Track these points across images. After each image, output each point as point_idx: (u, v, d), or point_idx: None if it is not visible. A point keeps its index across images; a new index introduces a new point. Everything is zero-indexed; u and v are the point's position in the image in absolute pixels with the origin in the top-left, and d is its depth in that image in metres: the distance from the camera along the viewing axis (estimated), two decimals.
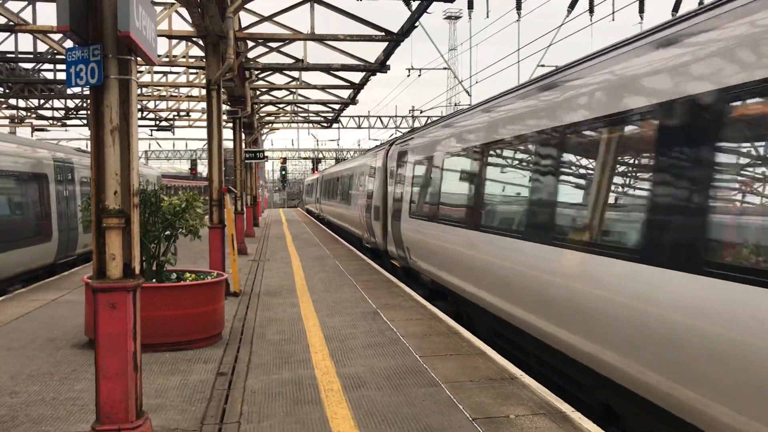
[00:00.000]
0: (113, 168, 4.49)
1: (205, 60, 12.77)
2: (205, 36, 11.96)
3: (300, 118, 33.74)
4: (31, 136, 32.44)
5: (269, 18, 14.18)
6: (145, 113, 30.41)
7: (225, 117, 20.04)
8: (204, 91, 20.40)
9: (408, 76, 36.68)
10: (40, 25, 14.60)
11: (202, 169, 65.00)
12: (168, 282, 8.15)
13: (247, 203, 26.37)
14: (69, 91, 24.47)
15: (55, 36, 15.68)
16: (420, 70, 36.67)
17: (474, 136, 10.21)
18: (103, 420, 4.51)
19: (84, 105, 28.53)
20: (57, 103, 29.14)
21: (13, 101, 27.72)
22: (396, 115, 46.23)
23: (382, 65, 15.99)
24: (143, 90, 25.12)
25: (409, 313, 9.88)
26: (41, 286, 12.86)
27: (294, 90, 24.68)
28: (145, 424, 4.69)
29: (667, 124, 5.18)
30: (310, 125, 38.23)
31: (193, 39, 15.39)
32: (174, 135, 38.87)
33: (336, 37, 14.23)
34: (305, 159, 79.17)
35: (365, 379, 6.51)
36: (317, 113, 30.96)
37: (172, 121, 33.92)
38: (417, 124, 43.73)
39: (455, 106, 52.83)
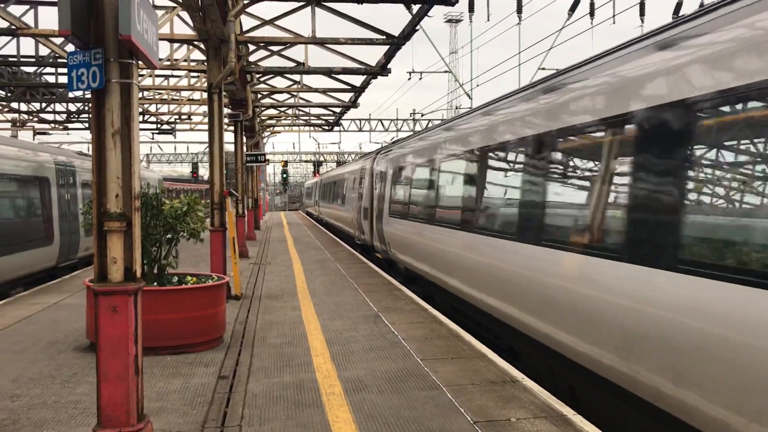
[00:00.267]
0: (115, 171, 4.49)
1: (206, 63, 12.80)
2: (207, 39, 11.99)
3: (301, 122, 33.78)
4: (33, 140, 32.50)
5: (270, 21, 14.20)
6: (146, 116, 30.45)
7: (226, 120, 20.07)
8: (205, 95, 20.49)
9: (409, 79, 36.75)
10: (41, 29, 14.65)
11: (204, 172, 65.17)
12: (169, 285, 8.16)
13: (249, 206, 26.39)
14: (70, 94, 24.52)
15: (57, 40, 15.70)
16: (421, 73, 36.74)
17: (435, 150, 12.51)
18: (105, 423, 4.51)
19: (85, 108, 28.58)
20: (59, 106, 29.19)
21: (15, 105, 27.78)
22: (397, 119, 46.29)
23: (383, 68, 16.01)
24: (144, 93, 25.16)
25: (410, 316, 9.88)
26: (43, 290, 12.87)
27: (295, 93, 24.73)
28: (147, 427, 4.69)
29: (604, 138, 6.07)
30: (312, 128, 38.29)
31: (195, 42, 15.43)
32: (175, 138, 38.87)
33: (337, 41, 14.25)
34: (306, 162, 79.26)
35: (366, 382, 6.51)
36: (318, 116, 31.00)
37: (173, 125, 33.97)
38: (418, 127, 43.79)
39: (456, 109, 52.86)
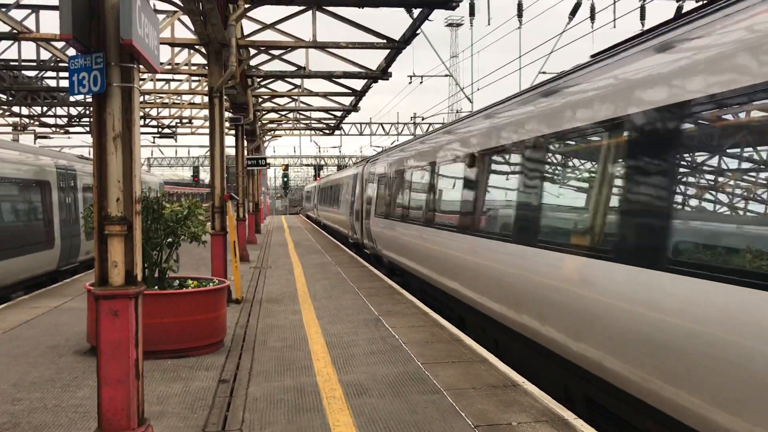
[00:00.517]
0: (116, 175, 4.50)
1: (207, 67, 12.81)
2: (208, 44, 12.01)
3: (302, 125, 33.81)
4: (34, 144, 32.53)
5: (271, 26, 14.22)
6: (147, 120, 30.48)
7: (227, 124, 20.10)
8: (206, 99, 20.49)
9: (410, 83, 36.77)
10: (43, 33, 14.66)
11: (205, 176, 65.16)
12: (170, 289, 8.15)
13: (249, 210, 26.40)
14: (72, 98, 24.55)
15: (58, 44, 15.75)
16: (422, 77, 36.77)
17: (407, 160, 15.03)
18: (105, 427, 4.51)
19: (86, 112, 28.61)
20: (60, 110, 29.24)
21: (16, 109, 27.81)
22: (398, 122, 46.26)
23: (383, 72, 16.03)
24: (145, 97, 25.18)
25: (410, 320, 9.87)
26: (44, 293, 12.87)
27: (296, 97, 24.74)
28: (147, 431, 4.69)
29: (555, 149, 7.04)
30: (312, 132, 38.31)
31: (196, 47, 15.45)
32: (176, 142, 38.84)
33: (338, 45, 14.27)
34: (307, 166, 79.27)
35: (367, 386, 6.50)
36: (319, 120, 31.02)
37: (174, 129, 34.01)
38: (419, 131, 43.81)
39: (457, 113, 52.92)
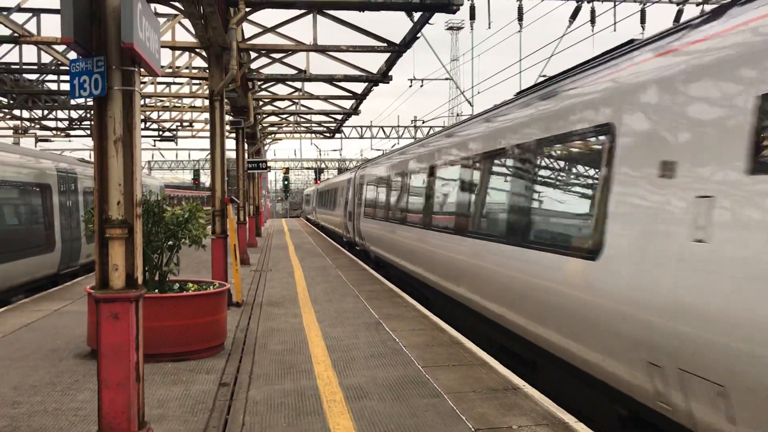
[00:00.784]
0: (116, 178, 4.50)
1: (208, 71, 12.83)
2: (208, 47, 12.02)
3: (303, 129, 33.84)
4: (35, 147, 32.56)
5: (272, 29, 14.24)
6: (148, 123, 30.51)
7: (228, 127, 20.12)
8: (207, 102, 20.53)
9: (410, 86, 36.84)
10: (44, 37, 14.69)
11: (205, 179, 65.19)
12: (170, 292, 8.15)
13: (250, 213, 26.40)
14: (72, 101, 24.59)
15: (59, 47, 15.76)
16: (422, 80, 36.83)
17: (386, 169, 17.90)
18: (106, 430, 4.51)
19: (87, 116, 28.64)
20: (61, 113, 29.25)
21: (17, 112, 27.84)
22: (398, 125, 46.34)
23: (384, 76, 16.05)
24: (146, 100, 25.21)
25: (411, 323, 9.87)
26: (44, 296, 12.86)
27: (297, 100, 24.78)
28: None
29: (472, 166, 9.80)
30: (313, 135, 38.34)
31: (196, 50, 15.49)
32: (177, 145, 38.88)
33: (338, 48, 14.28)
34: (308, 169, 79.26)
35: (368, 389, 6.50)
36: (320, 123, 31.05)
37: (175, 132, 34.04)
38: (419, 134, 43.85)
39: (457, 116, 53.00)
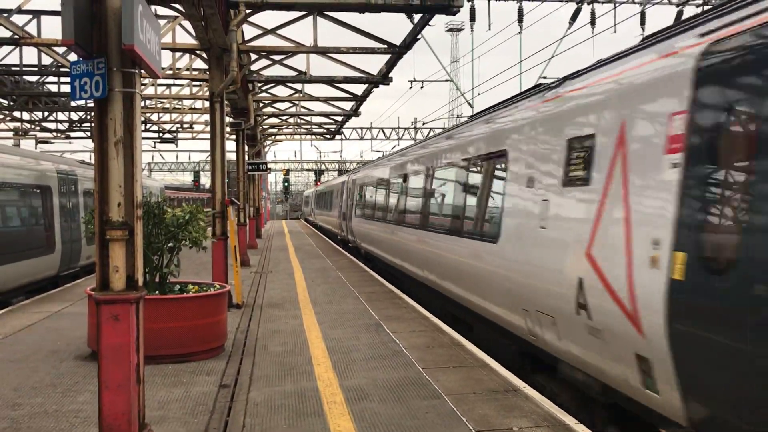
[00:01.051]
0: (117, 180, 4.50)
1: (208, 72, 12.83)
2: (209, 49, 12.03)
3: (303, 130, 33.83)
4: (35, 149, 32.56)
5: (272, 31, 14.24)
6: (148, 125, 30.51)
7: (228, 129, 20.14)
8: (207, 104, 20.52)
9: (410, 88, 36.86)
10: (44, 38, 14.70)
11: (205, 180, 65.17)
12: (171, 294, 8.16)
13: (250, 215, 26.40)
14: (73, 103, 24.59)
15: (60, 49, 15.77)
16: (422, 82, 36.83)
17: (371, 174, 20.93)
18: None
19: (88, 117, 28.63)
20: (61, 115, 29.23)
21: (18, 114, 27.84)
22: (398, 127, 46.35)
23: (384, 77, 16.04)
24: (146, 102, 25.22)
25: (411, 324, 9.87)
26: (45, 298, 12.87)
27: (297, 102, 24.77)
28: None
29: (424, 176, 12.98)
30: (313, 137, 38.34)
31: (197, 52, 15.48)
32: (177, 147, 38.83)
33: (339, 50, 14.27)
34: (308, 171, 79.25)
35: (368, 391, 6.50)
36: (320, 125, 31.04)
37: (175, 133, 34.03)
38: (420, 136, 43.88)
39: (457, 117, 53.01)
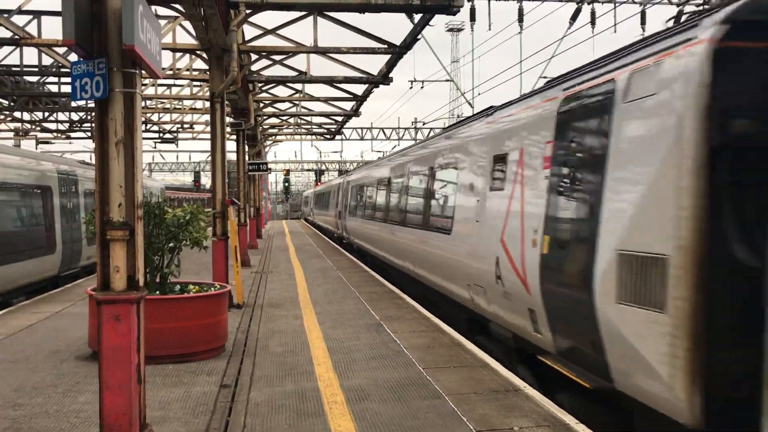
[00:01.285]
0: (117, 180, 4.50)
1: (208, 73, 12.83)
2: (209, 49, 12.03)
3: (303, 130, 33.84)
4: (36, 149, 32.56)
5: (273, 31, 14.24)
6: (148, 125, 30.51)
7: (228, 129, 20.14)
8: (207, 104, 20.51)
9: (410, 88, 36.85)
10: (45, 39, 14.69)
11: (206, 181, 65.15)
12: (171, 294, 8.16)
13: (251, 215, 26.40)
14: (73, 103, 24.58)
15: (60, 49, 15.77)
16: (422, 82, 36.83)
17: (364, 177, 23.05)
18: None
19: (88, 118, 28.65)
20: (61, 115, 29.25)
21: (18, 114, 27.85)
22: (398, 127, 46.36)
23: (384, 77, 16.04)
24: (147, 102, 25.22)
25: (412, 325, 9.87)
26: (45, 298, 12.87)
27: (297, 102, 24.77)
28: None
29: (401, 181, 15.46)
30: (313, 137, 38.34)
31: (197, 52, 15.48)
32: (177, 147, 38.82)
33: (339, 50, 14.28)
34: (308, 171, 79.26)
35: (369, 391, 6.50)
36: (320, 125, 31.05)
37: (175, 134, 34.03)
38: (420, 136, 43.89)
39: (458, 117, 53.03)
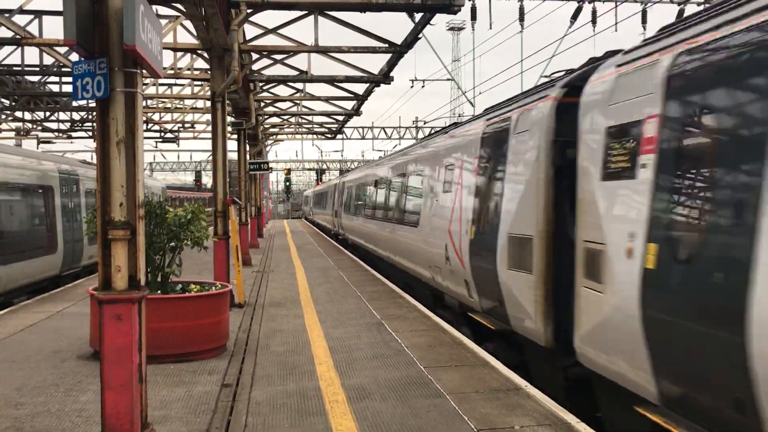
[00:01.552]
0: (119, 180, 4.51)
1: (209, 72, 12.84)
2: (210, 48, 12.03)
3: (304, 130, 33.85)
4: (37, 149, 32.58)
5: (274, 30, 14.24)
6: (149, 125, 30.52)
7: (229, 129, 20.12)
8: (209, 103, 20.52)
9: (411, 87, 36.86)
10: (46, 39, 14.69)
11: (207, 180, 65.18)
12: (173, 293, 8.17)
13: (252, 214, 26.41)
14: (74, 103, 24.61)
15: (61, 49, 15.78)
16: (423, 81, 36.83)
17: (355, 179, 25.80)
18: (109, 431, 4.52)
19: (89, 117, 28.67)
20: (62, 115, 29.26)
21: (19, 114, 27.87)
22: (399, 126, 46.38)
23: (385, 77, 16.04)
24: (148, 102, 25.23)
25: (413, 324, 9.87)
26: (46, 298, 12.89)
27: (298, 101, 24.78)
28: None
29: (385, 185, 18.35)
30: (314, 136, 38.35)
31: (198, 51, 15.49)
32: (179, 147, 38.93)
33: (340, 49, 14.27)
34: (309, 170, 79.30)
35: (370, 390, 6.50)
36: (321, 124, 31.06)
37: (176, 133, 34.05)
38: (421, 135, 43.89)
39: (459, 116, 53.02)
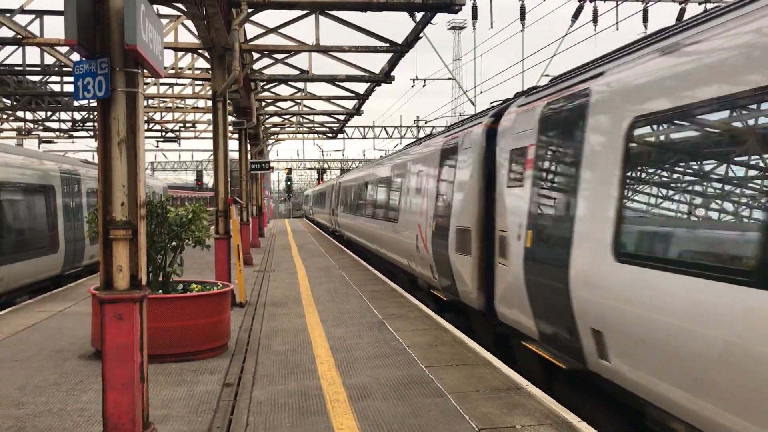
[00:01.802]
0: (120, 180, 4.51)
1: (210, 72, 12.85)
2: (211, 48, 12.04)
3: (305, 129, 33.86)
4: (38, 148, 32.61)
5: (275, 30, 14.25)
6: (151, 125, 30.54)
7: (231, 128, 20.13)
8: (210, 103, 20.55)
9: (413, 86, 36.86)
10: (47, 38, 14.72)
11: (208, 180, 65.21)
12: (174, 293, 8.17)
13: (253, 214, 26.43)
14: (76, 103, 24.63)
15: (62, 48, 15.79)
16: (424, 80, 36.84)
17: (350, 180, 28.69)
18: (110, 431, 4.52)
19: (90, 117, 28.70)
20: (64, 115, 29.29)
21: (21, 113, 27.89)
22: (401, 125, 46.41)
23: (386, 76, 16.05)
24: (149, 102, 25.24)
25: (414, 323, 9.88)
26: (48, 297, 12.90)
27: (299, 101, 24.79)
28: None
29: (377, 186, 20.42)
30: (316, 136, 38.36)
31: (199, 51, 15.50)
32: (180, 146, 39.01)
33: (341, 49, 14.28)
34: (310, 170, 79.32)
35: (371, 389, 6.51)
36: (322, 124, 31.07)
37: (178, 133, 34.06)
38: (422, 134, 43.92)
39: (460, 115, 53.03)
